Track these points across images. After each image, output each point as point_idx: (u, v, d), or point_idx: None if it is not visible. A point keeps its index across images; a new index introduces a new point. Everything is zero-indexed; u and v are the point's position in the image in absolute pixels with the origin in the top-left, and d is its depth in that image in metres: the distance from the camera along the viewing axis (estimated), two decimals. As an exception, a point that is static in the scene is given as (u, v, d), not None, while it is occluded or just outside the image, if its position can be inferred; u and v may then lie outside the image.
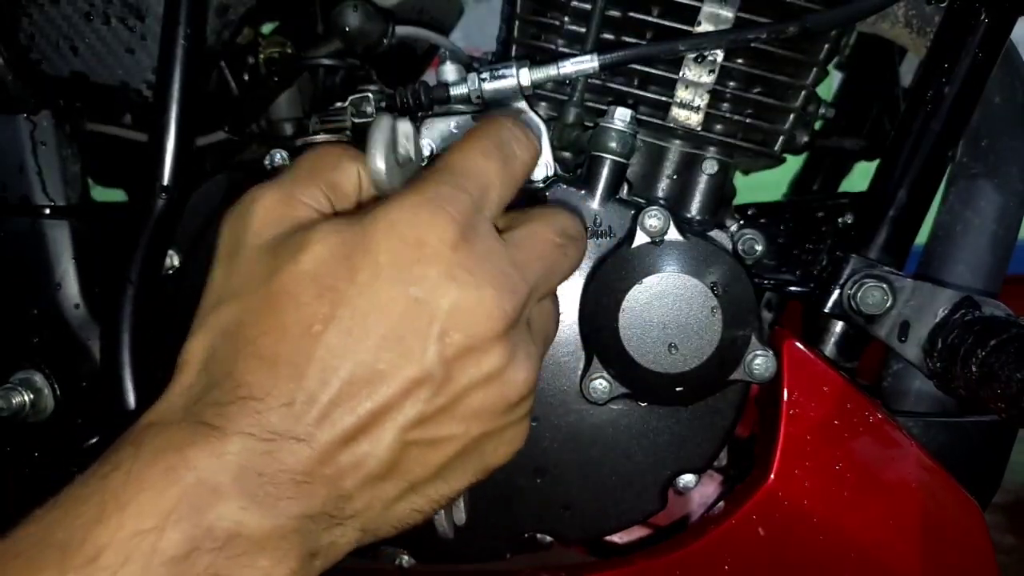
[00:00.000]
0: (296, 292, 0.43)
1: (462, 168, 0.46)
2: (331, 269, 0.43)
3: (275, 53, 0.88)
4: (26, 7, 0.75)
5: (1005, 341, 0.53)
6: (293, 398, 0.41)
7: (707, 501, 0.77)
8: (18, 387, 0.75)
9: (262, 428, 0.41)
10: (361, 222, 0.44)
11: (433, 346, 0.43)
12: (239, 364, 0.42)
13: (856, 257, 0.68)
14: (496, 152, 0.48)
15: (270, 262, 0.44)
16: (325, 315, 0.42)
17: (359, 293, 0.43)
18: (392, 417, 0.43)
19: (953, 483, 0.68)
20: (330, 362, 0.42)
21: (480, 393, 0.45)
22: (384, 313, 0.43)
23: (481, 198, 0.46)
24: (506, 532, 0.68)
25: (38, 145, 0.77)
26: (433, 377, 0.43)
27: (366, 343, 0.42)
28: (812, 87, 0.70)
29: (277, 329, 0.43)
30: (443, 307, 0.43)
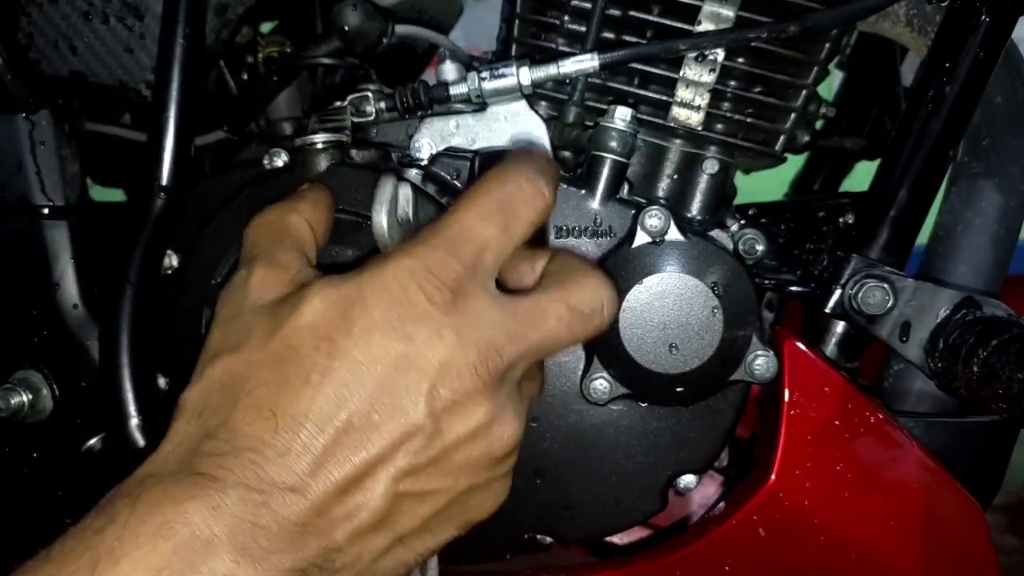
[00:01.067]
0: (297, 344, 0.45)
1: (458, 232, 0.47)
2: (329, 322, 0.45)
3: (274, 52, 0.88)
4: (25, 7, 0.74)
5: (1006, 341, 0.53)
6: (289, 448, 0.43)
7: (707, 502, 0.77)
8: (17, 387, 0.75)
9: (258, 479, 0.42)
10: (358, 279, 0.46)
11: (423, 400, 0.45)
12: (236, 415, 0.44)
13: (857, 257, 0.67)
14: (496, 215, 0.48)
15: (272, 319, 0.46)
16: (323, 366, 0.44)
17: (355, 345, 0.44)
18: (384, 468, 0.44)
19: (954, 483, 0.68)
20: (327, 412, 0.43)
21: (467, 447, 0.46)
22: (378, 366, 0.44)
23: (474, 263, 0.47)
24: (506, 532, 0.68)
25: (37, 145, 0.77)
26: (423, 429, 0.45)
27: (360, 394, 0.44)
28: (813, 86, 0.70)
29: (277, 381, 0.44)
30: (432, 363, 0.45)
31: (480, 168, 0.64)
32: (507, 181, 0.50)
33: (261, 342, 0.46)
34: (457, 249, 0.47)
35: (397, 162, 0.67)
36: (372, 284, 0.46)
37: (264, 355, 0.45)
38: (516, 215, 0.49)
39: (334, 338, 0.45)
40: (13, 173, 0.77)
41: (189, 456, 0.43)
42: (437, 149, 0.67)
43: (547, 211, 0.51)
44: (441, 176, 0.65)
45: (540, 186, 0.50)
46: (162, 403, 0.64)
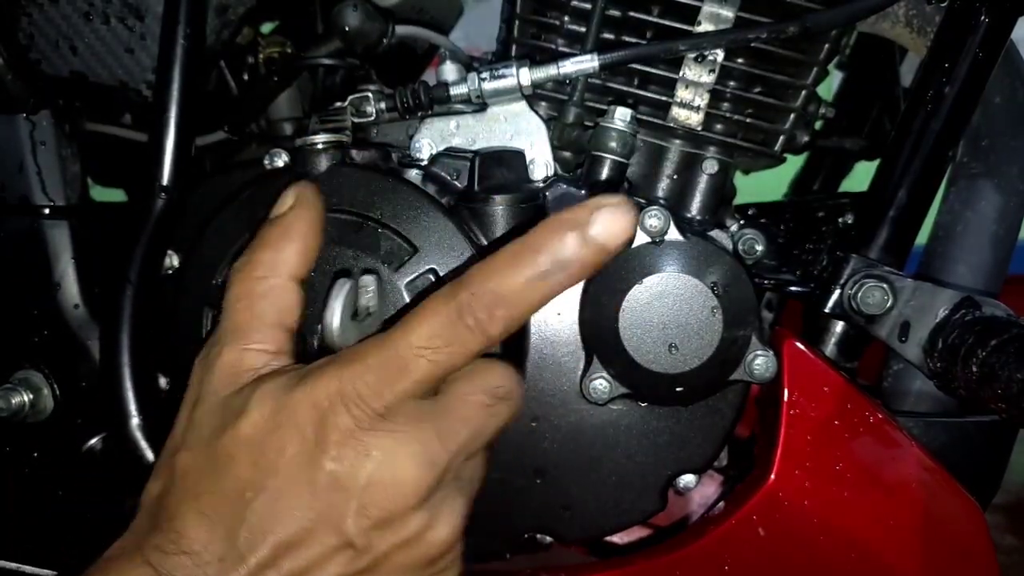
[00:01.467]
0: (236, 456, 0.47)
1: (395, 359, 0.47)
2: (265, 438, 0.47)
3: (275, 53, 0.88)
4: (25, 7, 0.74)
5: (1005, 341, 0.53)
6: (225, 555, 0.46)
7: (707, 501, 0.77)
8: (18, 387, 0.75)
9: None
10: (294, 392, 0.47)
11: (351, 519, 0.46)
12: (181, 514, 0.47)
13: (856, 257, 0.67)
14: (434, 351, 0.46)
15: (219, 421, 0.49)
16: (257, 484, 0.47)
17: (286, 465, 0.47)
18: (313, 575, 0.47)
19: (953, 483, 0.68)
20: (258, 526, 0.46)
21: (401, 555, 0.48)
22: (308, 486, 0.46)
23: (410, 389, 0.47)
24: (506, 532, 0.68)
25: (37, 145, 0.77)
26: (354, 544, 0.47)
27: (292, 512, 0.46)
28: (812, 87, 0.70)
29: (218, 491, 0.47)
30: (360, 483, 0.46)
31: (480, 167, 0.64)
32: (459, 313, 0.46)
33: (204, 445, 0.49)
34: (389, 378, 0.46)
35: (397, 162, 0.67)
36: (305, 402, 0.47)
37: (205, 459, 0.48)
38: (457, 342, 0.47)
39: (268, 456, 0.47)
40: (14, 173, 0.77)
41: (144, 543, 0.47)
42: (437, 149, 0.67)
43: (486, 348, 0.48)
44: (441, 176, 0.65)
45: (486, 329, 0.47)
46: (162, 403, 0.64)
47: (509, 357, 0.62)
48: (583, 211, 0.46)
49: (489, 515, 0.67)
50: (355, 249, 0.60)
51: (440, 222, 0.60)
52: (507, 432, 0.65)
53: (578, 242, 0.46)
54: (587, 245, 0.46)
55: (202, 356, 0.52)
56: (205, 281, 0.63)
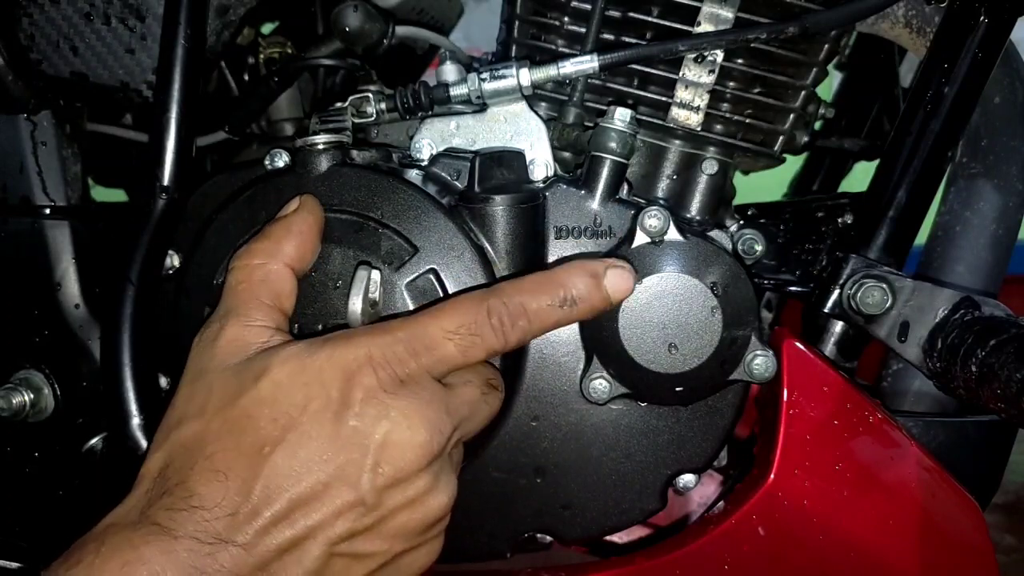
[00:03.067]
0: (255, 415, 0.49)
1: (422, 336, 0.51)
2: (287, 395, 0.49)
3: (275, 53, 0.88)
4: (26, 7, 0.75)
5: (1005, 341, 0.53)
6: (238, 509, 0.47)
7: (707, 501, 0.77)
8: (19, 387, 0.75)
9: (207, 533, 0.47)
10: (318, 354, 0.50)
11: (367, 475, 0.49)
12: (193, 476, 0.48)
13: (856, 257, 0.68)
14: (461, 337, 0.52)
15: (233, 386, 0.51)
16: (276, 438, 0.49)
17: (309, 421, 0.49)
18: (323, 532, 0.49)
19: (953, 483, 0.68)
20: (275, 481, 0.48)
21: (404, 515, 0.51)
22: (327, 442, 0.49)
23: (432, 365, 0.52)
24: (506, 532, 0.68)
25: (38, 145, 0.77)
26: (364, 502, 0.49)
27: (308, 467, 0.48)
28: (812, 87, 0.70)
29: (234, 447, 0.49)
30: (377, 442, 0.49)
31: (480, 167, 0.64)
32: (483, 312, 0.53)
33: (221, 409, 0.50)
34: (416, 351, 0.51)
35: (398, 163, 0.67)
36: (332, 363, 0.50)
37: (223, 423, 0.49)
38: (478, 344, 0.53)
39: (290, 412, 0.49)
40: (15, 173, 0.77)
41: (147, 508, 0.48)
42: (437, 150, 0.68)
43: (500, 350, 0.54)
44: (441, 177, 0.66)
45: (505, 329, 0.53)
46: (163, 403, 0.65)
47: (508, 357, 0.62)
48: (599, 265, 0.57)
49: (489, 515, 0.67)
50: (356, 249, 0.60)
51: (440, 222, 0.61)
52: (507, 432, 0.66)
53: (592, 288, 0.56)
54: (598, 290, 0.56)
55: (201, 336, 0.54)
56: (206, 281, 0.63)
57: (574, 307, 0.55)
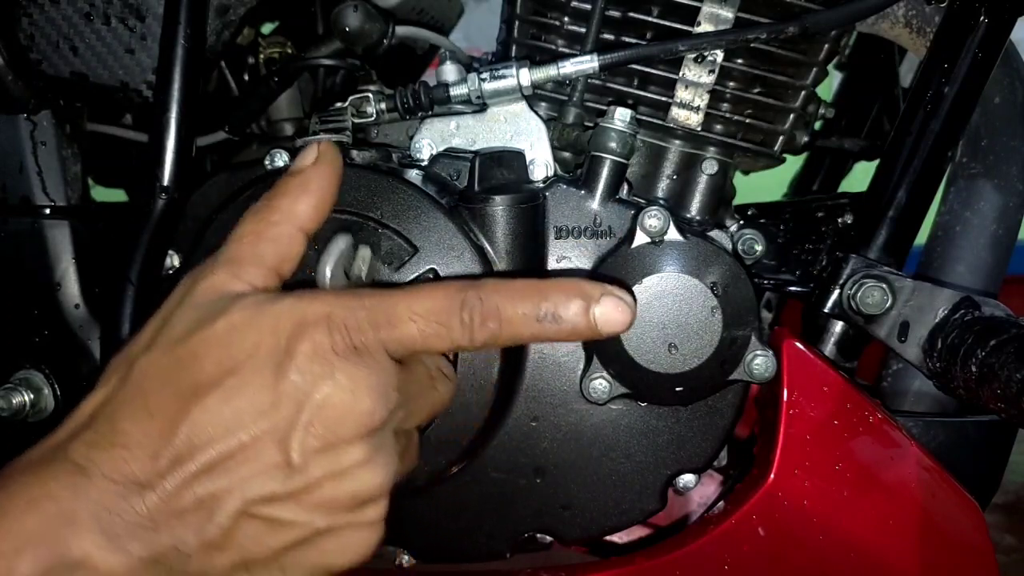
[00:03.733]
0: (202, 355, 0.47)
1: (388, 312, 0.49)
2: (240, 338, 0.47)
3: (275, 53, 0.88)
4: (26, 7, 0.75)
5: (1005, 341, 0.53)
6: (159, 452, 0.45)
7: (707, 501, 0.77)
8: (18, 387, 0.75)
9: (123, 475, 0.44)
10: (279, 303, 0.48)
11: (298, 433, 0.46)
12: (123, 410, 0.46)
13: (856, 257, 0.68)
14: (427, 324, 0.49)
15: (191, 323, 0.48)
16: (214, 382, 0.46)
17: (250, 368, 0.46)
18: (242, 489, 0.46)
19: (953, 483, 0.68)
20: (202, 426, 0.45)
21: (330, 485, 0.47)
22: (264, 392, 0.46)
23: (389, 341, 0.49)
24: (506, 532, 0.68)
25: (38, 145, 0.77)
26: (291, 462, 0.46)
27: (239, 416, 0.46)
28: (812, 87, 0.70)
29: (170, 386, 0.46)
30: (315, 401, 0.46)
31: (480, 167, 0.64)
32: (457, 302, 0.50)
33: (171, 346, 0.48)
34: (377, 323, 0.48)
35: (398, 163, 0.67)
36: (289, 313, 0.47)
37: (168, 359, 0.47)
38: (445, 331, 0.50)
39: (236, 356, 0.46)
40: (15, 173, 0.77)
41: (66, 443, 0.46)
42: (437, 150, 0.68)
43: (465, 347, 0.51)
44: (441, 177, 0.66)
45: (474, 332, 0.50)
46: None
47: (508, 357, 0.62)
48: (596, 289, 0.50)
49: (489, 515, 0.67)
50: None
51: (440, 222, 0.61)
52: (507, 432, 0.66)
53: (580, 310, 0.50)
54: (584, 316, 0.50)
55: (190, 275, 0.52)
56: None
57: (554, 325, 0.50)
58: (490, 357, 0.61)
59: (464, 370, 0.60)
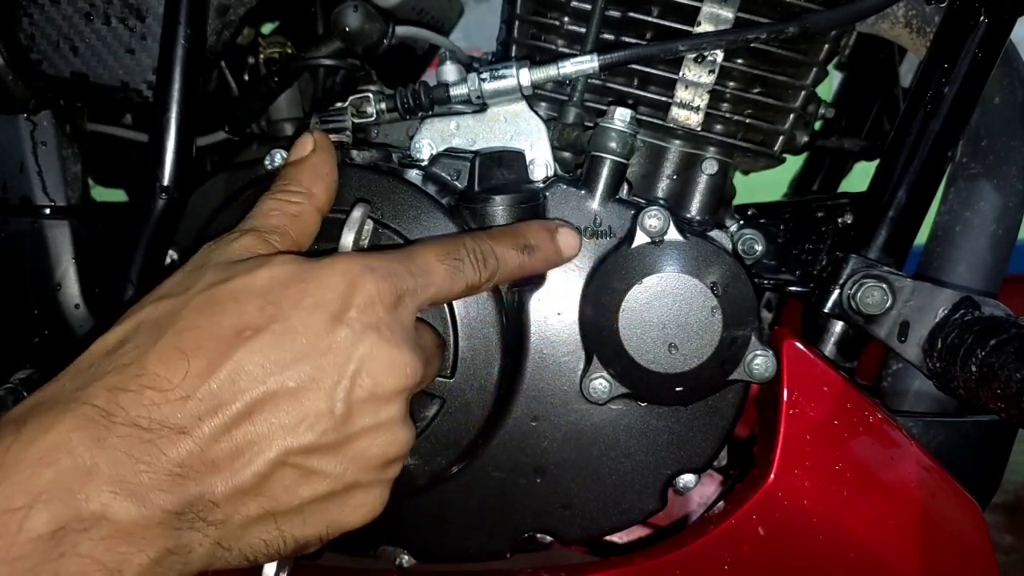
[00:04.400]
0: (243, 299, 0.46)
1: (420, 261, 0.52)
2: (282, 288, 0.46)
3: (275, 53, 0.88)
4: (26, 7, 0.75)
5: (1005, 341, 0.53)
6: (193, 393, 0.43)
7: (707, 501, 0.77)
8: (19, 387, 0.75)
9: (152, 420, 0.42)
10: (320, 262, 0.48)
11: (344, 383, 0.46)
12: (153, 353, 0.44)
13: (856, 257, 0.68)
14: (451, 266, 0.53)
15: (227, 271, 0.47)
16: (259, 325, 0.45)
17: (298, 315, 0.46)
18: (284, 438, 0.45)
19: (953, 483, 0.68)
20: (246, 369, 0.44)
21: (368, 439, 0.47)
22: (313, 341, 0.46)
23: (421, 289, 0.51)
24: (506, 532, 0.68)
25: (38, 145, 0.77)
26: (334, 412, 0.46)
27: (285, 363, 0.45)
28: (812, 87, 0.70)
29: (209, 327, 0.44)
30: (362, 352, 0.47)
31: (480, 167, 0.64)
32: (467, 249, 0.54)
33: (207, 288, 0.46)
34: (412, 271, 0.50)
35: (398, 163, 0.67)
36: (334, 268, 0.48)
37: (205, 301, 0.46)
38: (463, 274, 0.53)
39: (280, 303, 0.46)
40: (15, 173, 0.77)
41: (88, 385, 0.43)
42: (437, 150, 0.68)
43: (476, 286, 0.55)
44: (441, 177, 0.66)
45: (483, 265, 0.55)
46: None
47: (508, 356, 0.62)
48: (552, 223, 0.62)
49: (489, 514, 0.67)
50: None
51: (440, 222, 0.61)
52: (507, 432, 0.66)
53: (547, 238, 0.60)
54: (552, 242, 0.60)
55: (213, 242, 0.51)
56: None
57: (532, 255, 0.58)
58: (490, 357, 0.61)
59: (464, 370, 0.60)
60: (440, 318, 0.60)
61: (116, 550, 0.41)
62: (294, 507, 0.47)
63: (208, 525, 0.44)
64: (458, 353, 0.60)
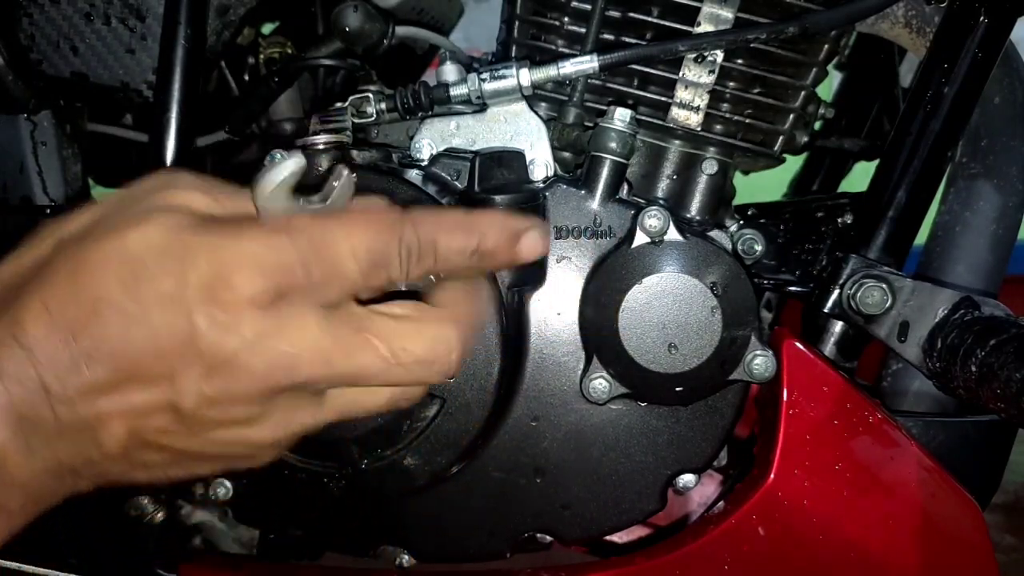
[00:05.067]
0: (107, 268, 0.44)
1: (328, 254, 0.45)
2: (149, 260, 0.44)
3: (275, 53, 0.88)
4: (26, 7, 0.75)
5: (1004, 341, 0.53)
6: (60, 360, 0.43)
7: (707, 501, 0.77)
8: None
9: (30, 379, 0.43)
10: (205, 234, 0.45)
11: (191, 383, 0.44)
12: (28, 307, 0.43)
13: (856, 257, 0.68)
14: (367, 263, 0.46)
15: (116, 220, 0.45)
16: (117, 302, 0.43)
17: (155, 301, 0.44)
18: (134, 416, 0.45)
19: (953, 483, 0.68)
20: (100, 344, 0.43)
21: (222, 431, 0.46)
22: (167, 331, 0.44)
23: (322, 286, 0.46)
24: (506, 532, 0.68)
25: (39, 145, 0.77)
26: (183, 407, 0.45)
27: (138, 346, 0.44)
28: (812, 87, 0.70)
29: (74, 292, 0.44)
30: (217, 352, 0.44)
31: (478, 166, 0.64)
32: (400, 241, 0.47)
33: (83, 242, 0.45)
34: (312, 267, 0.45)
35: (398, 163, 0.67)
36: (213, 250, 0.44)
37: (77, 259, 0.44)
38: (383, 272, 0.47)
39: (141, 282, 0.44)
40: (15, 173, 0.77)
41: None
42: (437, 150, 0.68)
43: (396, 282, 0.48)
44: (441, 177, 0.66)
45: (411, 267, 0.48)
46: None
47: (508, 357, 0.62)
48: (522, 225, 0.51)
49: (489, 514, 0.67)
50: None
51: (440, 222, 0.60)
52: (507, 432, 0.66)
53: (508, 244, 0.50)
54: (510, 250, 0.51)
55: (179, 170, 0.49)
56: None
57: (482, 260, 0.50)
58: (490, 357, 0.61)
59: (464, 370, 0.60)
60: (440, 318, 0.60)
61: (4, 489, 0.43)
62: (164, 463, 0.47)
63: (91, 475, 0.46)
64: None
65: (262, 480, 0.66)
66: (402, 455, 0.63)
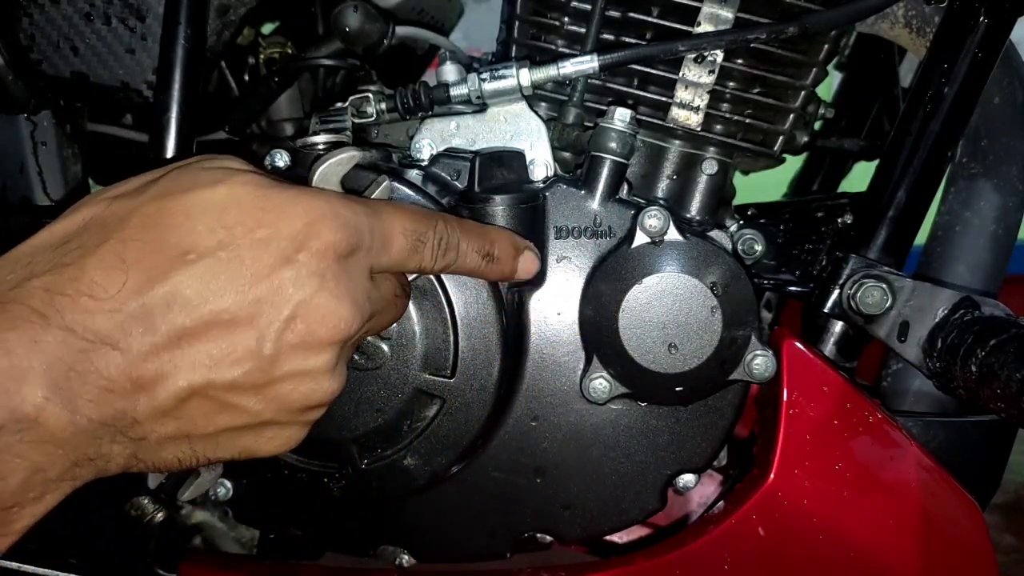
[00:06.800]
0: (194, 216, 0.44)
1: (385, 225, 0.51)
2: (238, 211, 0.45)
3: (275, 53, 0.88)
4: (26, 7, 0.75)
5: (1005, 341, 0.53)
6: (126, 308, 0.42)
7: (707, 501, 0.77)
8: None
9: (86, 328, 0.41)
10: (287, 191, 0.47)
11: (278, 323, 0.45)
12: (94, 257, 0.43)
13: (856, 257, 0.68)
14: (412, 243, 0.52)
15: (186, 181, 0.46)
16: (205, 249, 0.44)
17: (248, 246, 0.45)
18: (207, 367, 0.44)
19: (953, 483, 0.68)
20: (183, 292, 0.43)
21: (292, 384, 0.47)
22: (257, 276, 0.45)
23: (377, 253, 0.50)
24: (506, 532, 0.68)
25: (39, 145, 0.77)
26: (263, 354, 0.45)
27: (224, 293, 0.44)
28: (812, 87, 0.70)
29: (153, 242, 0.44)
30: (302, 296, 0.46)
31: (479, 167, 0.64)
32: (440, 231, 0.54)
33: (161, 196, 0.45)
34: (375, 232, 0.49)
35: (398, 163, 0.67)
36: (297, 202, 0.46)
37: (157, 211, 0.44)
38: (422, 251, 0.53)
39: (233, 229, 0.45)
40: (15, 174, 0.77)
41: (25, 282, 0.42)
42: (437, 150, 0.68)
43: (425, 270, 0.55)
44: (441, 177, 0.66)
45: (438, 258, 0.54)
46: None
47: (508, 357, 0.62)
48: (523, 243, 0.61)
49: (489, 514, 0.67)
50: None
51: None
52: (507, 432, 0.66)
53: (511, 255, 0.60)
54: (511, 261, 0.60)
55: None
56: None
57: (490, 264, 0.58)
58: (490, 357, 0.61)
59: (464, 370, 0.60)
60: (440, 318, 0.60)
61: (44, 451, 0.41)
62: (209, 433, 0.47)
63: (128, 439, 0.44)
64: (458, 353, 0.60)
65: (262, 480, 0.66)
66: (402, 455, 0.63)
